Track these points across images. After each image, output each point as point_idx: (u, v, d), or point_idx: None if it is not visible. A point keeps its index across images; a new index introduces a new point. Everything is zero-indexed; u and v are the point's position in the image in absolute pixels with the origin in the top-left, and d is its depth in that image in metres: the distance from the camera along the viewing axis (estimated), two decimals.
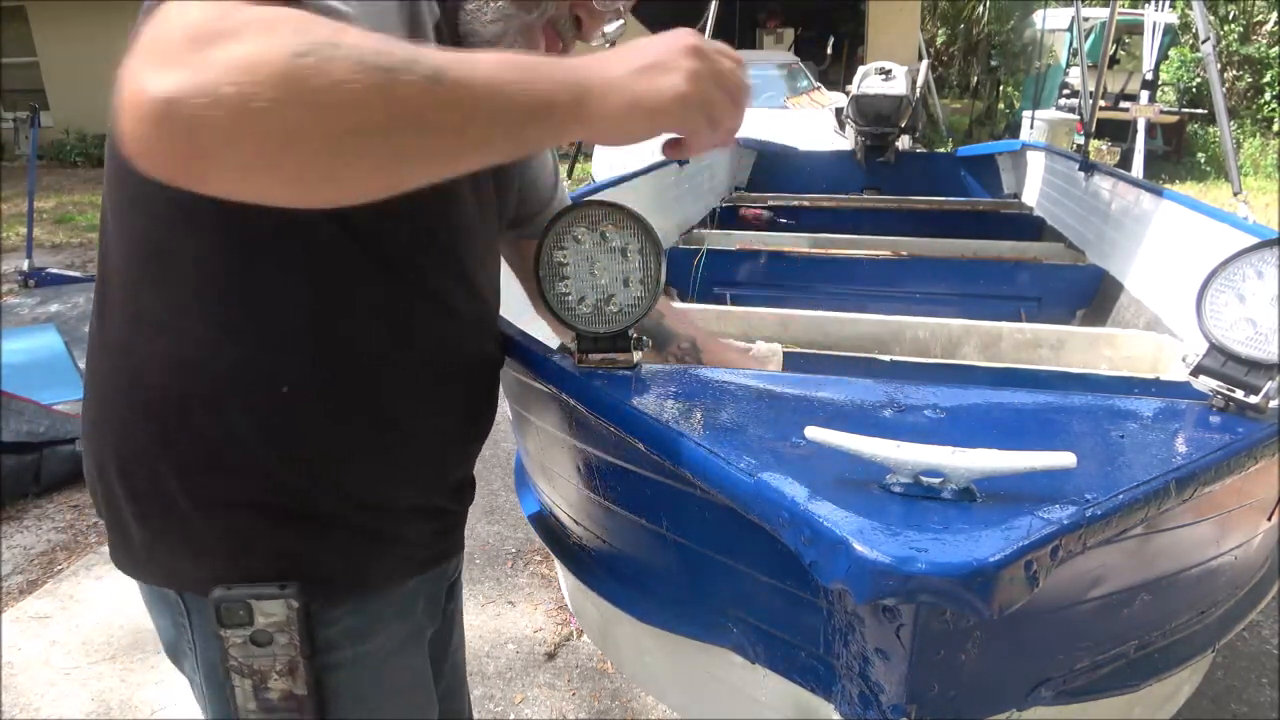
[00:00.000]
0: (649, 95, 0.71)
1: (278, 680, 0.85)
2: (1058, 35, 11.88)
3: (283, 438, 0.84)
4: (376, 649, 0.92)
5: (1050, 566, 0.61)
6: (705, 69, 0.73)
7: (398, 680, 0.96)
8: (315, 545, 0.87)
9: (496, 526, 3.11)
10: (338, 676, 0.89)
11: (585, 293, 0.92)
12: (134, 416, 0.85)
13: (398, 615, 0.95)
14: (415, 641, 0.98)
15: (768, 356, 1.58)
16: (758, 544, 0.76)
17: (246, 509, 0.85)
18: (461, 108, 0.63)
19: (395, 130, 0.60)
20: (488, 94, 0.64)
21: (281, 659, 0.84)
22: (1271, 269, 0.87)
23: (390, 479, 0.91)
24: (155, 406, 0.83)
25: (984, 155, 5.65)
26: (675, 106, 0.71)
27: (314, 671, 0.86)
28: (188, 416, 0.83)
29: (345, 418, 0.87)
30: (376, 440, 0.89)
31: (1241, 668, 2.41)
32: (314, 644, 0.86)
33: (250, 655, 0.84)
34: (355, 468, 0.88)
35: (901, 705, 0.69)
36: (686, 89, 0.71)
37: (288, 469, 0.85)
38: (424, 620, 1.01)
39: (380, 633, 0.92)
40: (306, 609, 0.84)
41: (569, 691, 2.35)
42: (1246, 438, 0.80)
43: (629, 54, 0.72)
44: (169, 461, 0.84)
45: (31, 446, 3.32)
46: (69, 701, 2.31)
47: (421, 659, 1.00)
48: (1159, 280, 2.98)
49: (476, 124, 0.65)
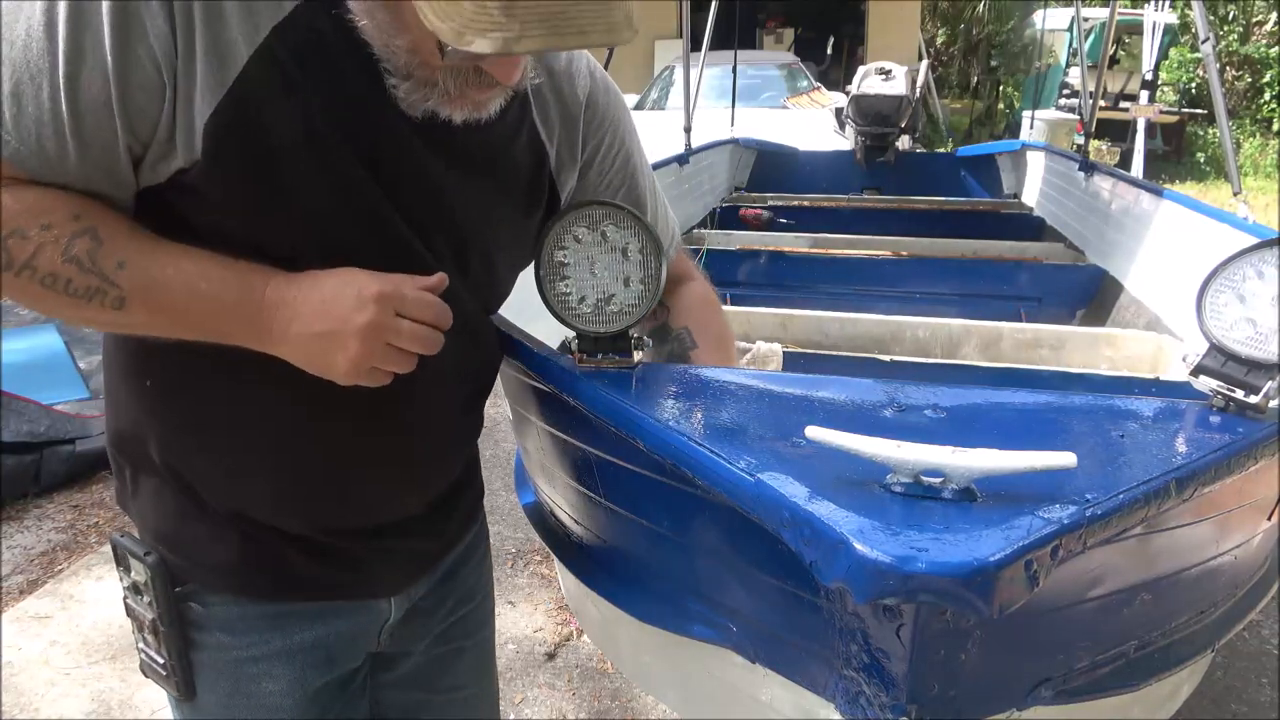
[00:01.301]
0: (319, 364, 0.81)
1: (150, 636, 0.97)
2: (1058, 35, 11.88)
3: (169, 447, 0.93)
4: (240, 645, 0.97)
5: (1050, 566, 0.62)
6: (376, 336, 0.79)
7: (253, 684, 0.98)
8: (205, 537, 0.94)
9: (496, 526, 3.11)
10: (201, 655, 0.97)
11: (586, 292, 0.92)
12: (113, 409, 0.98)
13: (272, 626, 0.97)
14: (287, 660, 0.98)
15: (768, 356, 1.59)
16: (758, 544, 0.76)
17: (160, 495, 0.95)
18: (145, 327, 0.80)
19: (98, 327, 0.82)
20: (168, 324, 0.79)
21: (148, 616, 0.96)
22: (1271, 269, 0.87)
23: (272, 505, 0.94)
24: (121, 411, 0.96)
25: (984, 155, 5.66)
26: (343, 377, 0.81)
27: (176, 644, 0.95)
28: (121, 416, 0.96)
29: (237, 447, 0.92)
30: (265, 465, 0.92)
31: (1241, 668, 2.41)
32: (179, 617, 0.95)
33: (134, 601, 0.98)
34: (242, 488, 0.93)
35: (902, 705, 0.69)
36: (352, 361, 0.79)
37: (189, 477, 0.93)
38: (311, 645, 0.99)
39: (248, 633, 0.97)
40: (168, 580, 0.93)
41: (569, 691, 2.35)
42: (1246, 437, 0.81)
43: (312, 310, 0.79)
44: (126, 451, 0.97)
45: (31, 446, 3.32)
46: (69, 701, 2.31)
47: (291, 680, 0.99)
48: (1159, 280, 2.98)
49: (164, 333, 0.80)
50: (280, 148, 0.78)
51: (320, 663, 1.00)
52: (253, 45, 0.76)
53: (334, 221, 0.83)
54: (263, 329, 0.79)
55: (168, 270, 0.77)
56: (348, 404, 0.89)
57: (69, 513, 3.29)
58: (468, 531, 1.15)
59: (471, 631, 1.19)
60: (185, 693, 0.98)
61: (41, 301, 0.77)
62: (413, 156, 0.86)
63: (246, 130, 0.77)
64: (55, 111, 0.73)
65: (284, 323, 0.79)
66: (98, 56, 0.72)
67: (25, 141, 0.73)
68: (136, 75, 0.74)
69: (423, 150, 0.86)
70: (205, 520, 0.93)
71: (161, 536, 0.95)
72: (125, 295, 0.76)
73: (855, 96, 5.61)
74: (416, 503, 1.03)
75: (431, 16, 0.70)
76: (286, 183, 0.79)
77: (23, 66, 0.72)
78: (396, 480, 0.99)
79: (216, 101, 0.75)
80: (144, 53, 0.73)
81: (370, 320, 0.78)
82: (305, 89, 0.78)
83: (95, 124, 0.74)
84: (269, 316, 0.79)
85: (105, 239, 0.76)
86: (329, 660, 1.01)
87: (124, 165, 0.77)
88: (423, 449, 1.00)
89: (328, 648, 1.00)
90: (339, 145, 0.81)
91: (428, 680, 1.16)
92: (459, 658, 1.18)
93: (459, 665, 1.19)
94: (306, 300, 0.79)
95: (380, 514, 1.00)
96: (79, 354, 4.19)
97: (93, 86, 0.73)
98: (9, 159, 0.74)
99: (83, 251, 0.75)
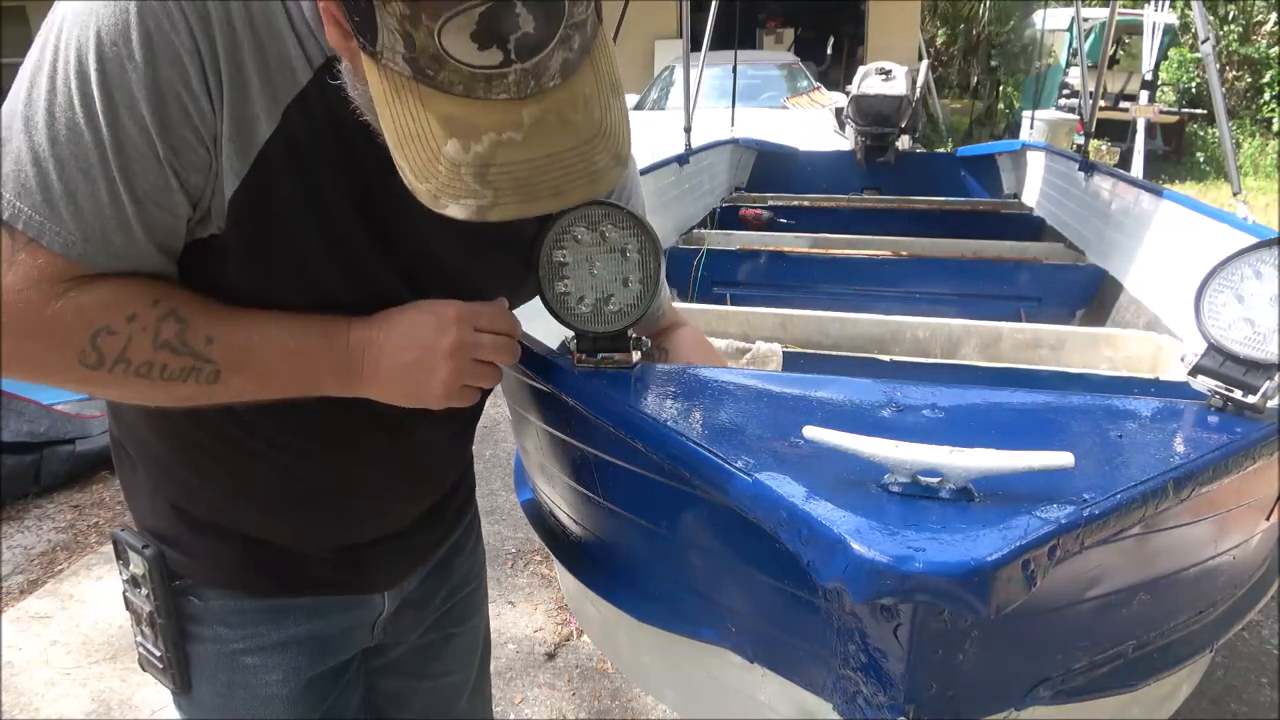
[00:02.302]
0: (415, 396, 0.83)
1: (147, 629, 0.98)
2: (1058, 35, 11.88)
3: (169, 469, 0.94)
4: (237, 638, 0.97)
5: (1048, 566, 0.62)
6: (463, 354, 0.82)
7: (250, 676, 0.99)
8: (205, 539, 0.95)
9: (496, 526, 3.11)
10: (198, 648, 0.98)
11: (585, 292, 0.92)
12: (107, 406, 0.99)
13: (269, 620, 0.98)
14: (283, 651, 0.99)
15: (767, 356, 1.59)
16: (756, 544, 0.76)
17: (157, 498, 0.96)
18: (237, 395, 0.80)
19: (180, 404, 0.80)
20: (260, 388, 0.80)
21: (145, 609, 0.97)
22: (1269, 269, 0.87)
23: (273, 529, 0.95)
24: (110, 408, 0.99)
25: (984, 155, 5.65)
26: (437, 401, 0.83)
27: (173, 636, 0.96)
28: (121, 426, 0.98)
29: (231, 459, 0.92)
30: (266, 493, 0.94)
31: (1241, 668, 2.41)
32: (176, 610, 0.96)
33: (132, 594, 0.99)
34: (242, 514, 0.95)
35: (899, 705, 0.69)
36: (444, 383, 0.82)
37: (186, 504, 0.94)
38: (306, 637, 1.00)
39: (245, 626, 0.97)
40: (165, 573, 0.94)
41: (569, 691, 2.35)
42: (1244, 437, 0.81)
43: (396, 344, 0.81)
44: (127, 448, 0.98)
45: (31, 446, 3.32)
46: (69, 701, 2.31)
47: (287, 670, 1.00)
48: (1159, 280, 2.98)
49: (253, 398, 0.81)
50: (289, 218, 0.78)
51: (314, 654, 1.01)
52: (273, 122, 0.75)
53: (337, 287, 0.83)
54: (354, 373, 0.81)
55: (253, 336, 0.78)
56: (351, 432, 0.92)
57: (69, 513, 3.29)
58: (460, 524, 1.17)
59: (463, 619, 1.21)
60: (181, 685, 0.98)
61: (136, 390, 0.77)
62: (409, 216, 0.82)
63: (262, 205, 0.76)
64: (116, 204, 0.72)
65: (373, 362, 0.81)
66: (146, 142, 0.71)
67: (90, 239, 0.72)
68: (189, 156, 0.73)
69: (420, 212, 0.84)
70: (202, 525, 0.95)
71: (159, 533, 0.96)
72: (220, 368, 0.77)
73: (855, 97, 5.61)
74: (414, 511, 1.05)
75: (410, 176, 0.68)
76: (295, 250, 0.80)
77: (71, 163, 0.70)
78: (395, 495, 1.02)
79: (241, 177, 0.75)
80: (190, 133, 0.72)
81: (455, 339, 0.81)
82: (316, 163, 0.78)
83: (156, 208, 0.74)
84: (357, 360, 0.81)
85: (188, 318, 0.76)
86: (323, 652, 1.02)
87: (181, 240, 0.78)
88: (422, 461, 1.03)
89: (322, 640, 1.02)
90: (345, 217, 0.81)
91: (417, 666, 1.17)
92: (448, 644, 1.20)
93: (448, 651, 1.20)
94: (389, 335, 0.81)
95: (380, 528, 1.02)
96: None
97: (149, 173, 0.72)
98: (78, 260, 0.72)
99: (172, 335, 0.75)
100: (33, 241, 0.71)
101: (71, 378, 0.75)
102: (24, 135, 0.70)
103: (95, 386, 0.77)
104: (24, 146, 0.70)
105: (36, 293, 0.71)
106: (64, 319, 0.72)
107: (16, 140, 0.70)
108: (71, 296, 0.72)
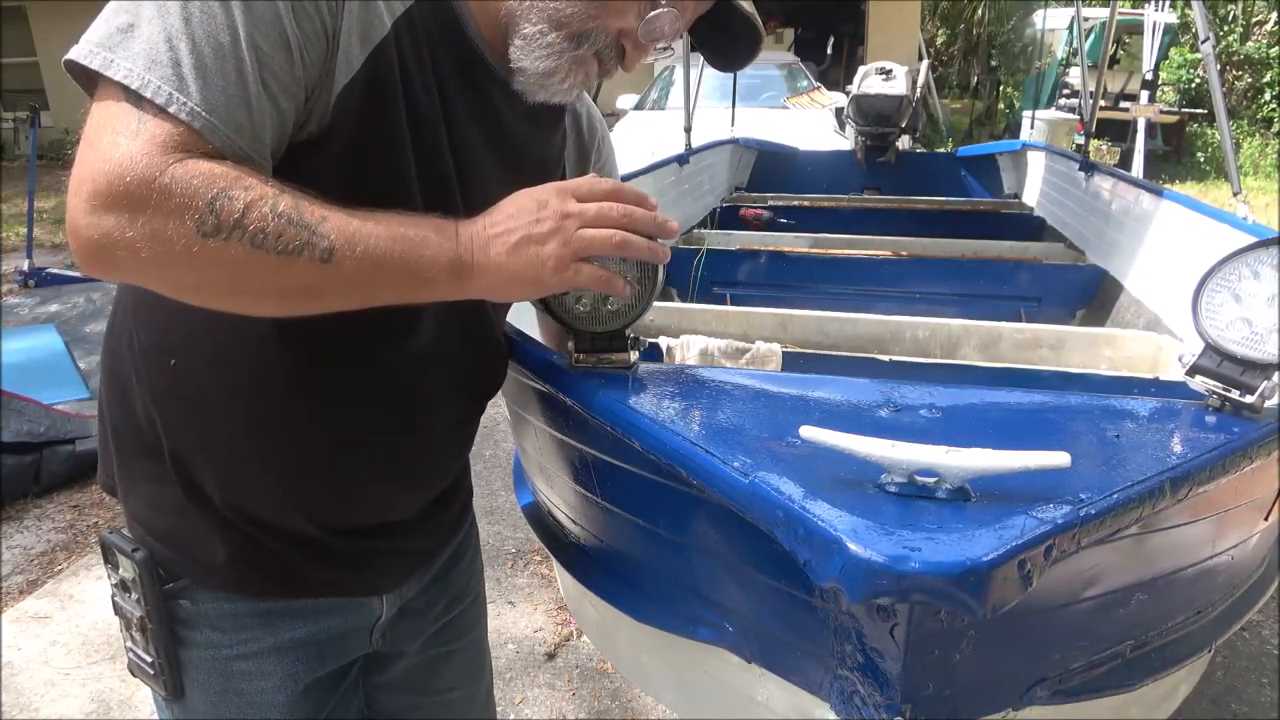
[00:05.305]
0: (528, 273, 0.81)
1: (138, 634, 0.97)
2: (1057, 35, 11.88)
3: (181, 435, 0.92)
4: (230, 643, 0.97)
5: (1044, 566, 0.62)
6: (569, 224, 0.81)
7: (244, 682, 0.98)
8: (201, 532, 0.94)
9: (497, 526, 3.11)
10: (190, 654, 0.97)
11: (583, 292, 0.92)
12: (108, 391, 0.98)
13: (263, 624, 0.97)
14: (278, 656, 0.98)
15: (767, 356, 1.59)
16: (754, 544, 0.76)
17: (158, 486, 0.95)
18: (346, 284, 0.76)
19: (285, 296, 0.76)
20: (373, 272, 0.76)
21: (135, 613, 0.95)
22: (1267, 269, 0.87)
23: (275, 498, 0.93)
24: (126, 401, 0.95)
25: (984, 155, 5.65)
26: (553, 276, 0.81)
27: (164, 641, 0.95)
28: (130, 405, 0.95)
29: (241, 433, 0.91)
30: (271, 456, 0.92)
31: (1241, 668, 2.41)
32: (167, 615, 0.95)
33: (121, 598, 0.98)
34: (247, 479, 0.92)
35: (896, 704, 0.69)
36: (557, 256, 0.81)
37: (192, 466, 0.92)
38: (302, 642, 0.99)
39: (238, 631, 0.96)
40: (156, 577, 0.93)
41: (569, 691, 2.35)
42: (1242, 437, 0.81)
43: (502, 227, 0.81)
44: (125, 441, 0.97)
45: (31, 446, 3.32)
46: (69, 701, 2.32)
47: (283, 677, 0.99)
48: (1159, 280, 2.97)
49: (359, 293, 0.78)
50: (387, 120, 0.83)
51: (311, 659, 1.00)
52: (393, 18, 0.82)
53: (412, 195, 0.87)
54: (464, 263, 0.80)
55: (366, 223, 0.76)
56: (356, 397, 0.91)
57: (69, 513, 3.29)
58: (459, 531, 1.16)
59: (463, 633, 1.20)
60: (173, 692, 0.98)
61: (247, 267, 0.73)
62: (472, 146, 0.93)
63: (364, 103, 0.81)
64: (242, 83, 0.73)
65: (482, 250, 0.81)
66: (279, 28, 0.74)
67: (215, 113, 0.72)
68: (314, 48, 0.77)
69: (481, 143, 0.94)
70: (203, 515, 0.93)
71: (154, 530, 0.95)
72: (334, 246, 0.74)
73: (855, 96, 5.61)
74: (415, 503, 1.04)
75: None
76: (388, 156, 0.84)
77: (204, 39, 0.72)
78: (399, 479, 1.00)
79: (351, 75, 0.80)
80: (318, 23, 0.77)
81: (557, 209, 0.81)
82: (415, 72, 0.85)
83: (280, 92, 0.76)
84: (466, 250, 0.80)
85: (302, 196, 0.75)
86: (320, 657, 1.01)
87: (285, 144, 0.80)
88: (427, 447, 1.01)
89: (319, 645, 1.01)
90: (436, 129, 0.87)
91: (420, 683, 1.17)
92: (450, 660, 1.19)
93: (450, 667, 1.20)
94: (494, 223, 0.82)
95: (380, 513, 1.00)
96: (79, 354, 4.19)
97: (278, 57, 0.75)
98: (202, 130, 0.72)
99: (288, 206, 0.73)
100: (161, 110, 0.71)
101: (187, 251, 0.71)
102: (156, 15, 0.72)
103: (209, 265, 0.72)
104: (156, 25, 0.72)
105: (160, 158, 0.70)
106: (184, 180, 0.70)
107: (147, 20, 0.72)
108: (193, 162, 0.71)
